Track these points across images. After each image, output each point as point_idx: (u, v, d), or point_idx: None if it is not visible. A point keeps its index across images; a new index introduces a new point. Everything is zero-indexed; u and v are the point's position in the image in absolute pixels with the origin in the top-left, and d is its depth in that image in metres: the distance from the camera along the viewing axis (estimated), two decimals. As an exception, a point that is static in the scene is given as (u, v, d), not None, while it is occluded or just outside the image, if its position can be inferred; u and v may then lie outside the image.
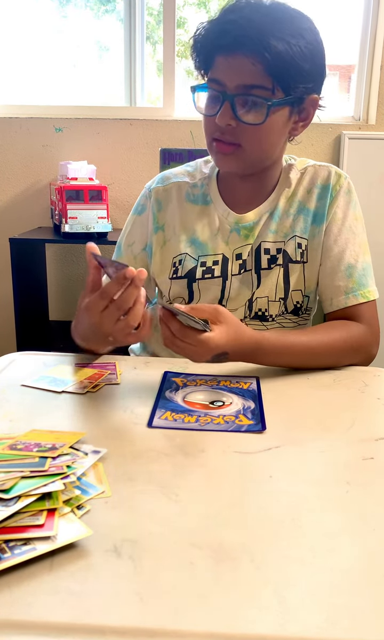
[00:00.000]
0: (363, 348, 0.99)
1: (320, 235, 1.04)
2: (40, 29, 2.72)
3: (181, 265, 1.07)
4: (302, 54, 0.89)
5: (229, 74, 0.91)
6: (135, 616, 0.44)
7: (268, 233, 1.04)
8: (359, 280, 1.02)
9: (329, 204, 1.04)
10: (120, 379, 0.90)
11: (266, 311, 1.06)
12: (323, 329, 0.99)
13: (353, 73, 2.57)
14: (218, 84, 0.93)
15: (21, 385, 0.87)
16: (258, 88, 0.90)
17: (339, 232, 1.03)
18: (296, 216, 1.05)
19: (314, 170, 1.06)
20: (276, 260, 1.04)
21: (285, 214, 1.05)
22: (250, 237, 1.05)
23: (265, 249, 1.04)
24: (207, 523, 0.55)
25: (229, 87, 0.91)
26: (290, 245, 1.04)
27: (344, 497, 0.60)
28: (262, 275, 1.05)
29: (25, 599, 0.45)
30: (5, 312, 2.48)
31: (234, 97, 0.91)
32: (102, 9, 2.75)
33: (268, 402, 0.83)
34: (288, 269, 1.04)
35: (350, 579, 0.48)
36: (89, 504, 0.56)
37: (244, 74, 0.90)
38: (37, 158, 2.50)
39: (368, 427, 0.78)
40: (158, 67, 2.67)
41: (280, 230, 1.04)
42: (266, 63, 0.88)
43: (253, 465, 0.66)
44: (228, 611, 0.44)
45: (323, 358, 0.95)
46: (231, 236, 1.05)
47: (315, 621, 0.44)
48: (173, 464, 0.66)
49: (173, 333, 0.83)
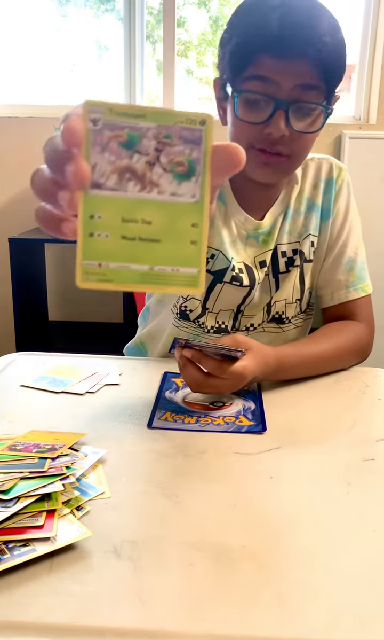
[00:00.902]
0: (364, 347, 0.99)
1: (327, 230, 1.02)
2: (40, 28, 2.71)
3: (213, 260, 0.99)
4: (343, 50, 0.86)
5: (284, 75, 0.82)
6: (135, 617, 0.43)
7: (283, 235, 1.01)
8: (359, 273, 1.02)
9: (334, 199, 1.02)
10: (120, 380, 0.90)
11: (283, 314, 1.03)
12: (330, 334, 0.97)
13: (354, 73, 2.57)
14: (267, 85, 0.83)
15: (21, 385, 0.87)
16: (314, 90, 0.84)
17: (342, 226, 1.02)
18: (308, 214, 1.01)
19: (316, 165, 1.02)
20: (293, 262, 1.01)
21: (296, 213, 1.01)
22: (269, 242, 1.00)
23: (282, 252, 1.00)
24: (207, 524, 0.55)
25: (284, 89, 0.83)
26: (306, 244, 1.01)
27: (345, 498, 0.60)
28: (281, 279, 1.01)
29: (25, 600, 0.45)
30: (4, 312, 2.47)
31: (290, 105, 0.83)
32: (101, 8, 2.74)
33: (268, 403, 0.82)
34: (303, 269, 1.02)
35: (351, 581, 0.48)
36: (89, 505, 0.56)
37: (301, 75, 0.83)
38: (36, 158, 2.48)
39: (368, 428, 0.78)
40: (158, 66, 2.67)
41: (294, 230, 1.01)
42: (322, 64, 0.82)
43: (253, 466, 0.66)
44: (228, 613, 0.44)
45: (333, 364, 0.95)
46: (248, 242, 1.00)
47: (315, 623, 0.43)
48: (173, 465, 0.66)
49: (211, 372, 0.78)
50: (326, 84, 0.85)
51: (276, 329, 1.05)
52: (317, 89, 0.84)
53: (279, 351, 0.87)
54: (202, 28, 2.83)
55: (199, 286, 0.37)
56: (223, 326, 1.03)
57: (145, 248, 0.36)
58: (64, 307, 2.60)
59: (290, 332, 1.06)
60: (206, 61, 2.82)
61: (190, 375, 0.79)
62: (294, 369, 0.89)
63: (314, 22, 0.82)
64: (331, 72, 0.84)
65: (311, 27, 0.81)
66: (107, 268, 0.36)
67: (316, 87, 0.84)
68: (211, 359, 0.77)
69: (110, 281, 0.36)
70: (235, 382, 0.79)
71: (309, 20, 0.82)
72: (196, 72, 2.84)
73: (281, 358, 0.87)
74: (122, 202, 0.35)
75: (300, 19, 0.82)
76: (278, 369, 0.86)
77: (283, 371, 0.88)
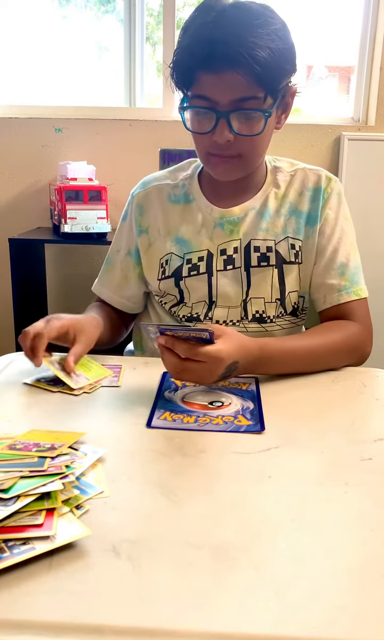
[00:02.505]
0: (360, 347, 1.00)
1: (314, 235, 1.05)
2: (40, 29, 2.72)
3: (168, 265, 1.08)
4: (283, 56, 0.89)
5: (219, 91, 0.89)
6: (134, 616, 0.44)
7: (258, 231, 1.05)
8: (351, 278, 1.04)
9: (322, 206, 1.06)
10: (121, 382, 0.90)
11: (263, 313, 1.06)
12: (321, 331, 0.99)
13: (353, 74, 2.57)
14: (207, 101, 0.91)
15: (23, 383, 0.88)
16: (251, 100, 0.90)
17: (332, 232, 1.05)
18: (288, 217, 1.06)
19: (304, 174, 1.07)
20: (268, 260, 1.04)
21: (275, 214, 1.06)
22: (235, 232, 1.05)
23: (255, 247, 1.05)
24: (206, 523, 0.55)
25: (221, 103, 0.90)
26: (282, 246, 1.05)
27: (343, 497, 0.60)
28: (252, 274, 1.05)
29: (24, 599, 0.45)
30: (4, 312, 2.48)
31: (229, 114, 0.90)
32: (102, 9, 2.75)
33: (267, 403, 0.83)
34: (282, 270, 1.05)
35: (349, 579, 0.48)
36: (88, 504, 0.56)
37: (235, 88, 0.88)
38: (37, 158, 2.50)
39: (366, 427, 0.78)
40: (158, 67, 2.68)
41: (271, 229, 1.05)
42: (255, 75, 0.87)
43: (252, 465, 0.66)
44: (227, 611, 0.44)
45: (325, 360, 0.95)
46: (215, 231, 1.06)
47: (314, 621, 0.44)
48: (172, 464, 0.66)
49: (183, 355, 0.78)
50: (265, 88, 0.90)
51: (258, 328, 1.07)
52: (254, 98, 0.90)
53: (262, 340, 0.89)
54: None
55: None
56: (194, 315, 1.08)
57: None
58: (64, 307, 2.60)
59: (274, 332, 1.08)
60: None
61: (167, 361, 0.81)
62: (280, 359, 0.90)
63: (243, 36, 0.85)
64: (269, 78, 0.89)
65: (239, 42, 0.85)
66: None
67: (253, 97, 0.90)
68: (183, 342, 0.79)
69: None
70: (212, 365, 0.79)
71: (238, 34, 0.85)
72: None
73: (264, 347, 0.88)
74: None
75: (228, 34, 0.86)
76: (262, 357, 0.87)
77: (268, 362, 0.89)
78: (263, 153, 1.00)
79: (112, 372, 0.93)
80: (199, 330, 0.78)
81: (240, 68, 0.86)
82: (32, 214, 2.53)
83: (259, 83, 0.88)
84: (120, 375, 0.93)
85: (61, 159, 2.42)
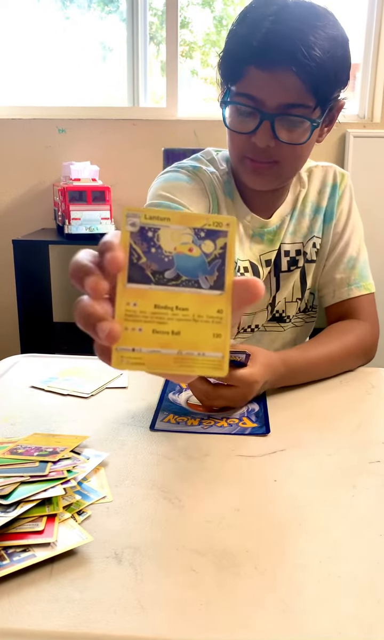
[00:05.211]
0: (372, 347, 0.99)
1: (330, 232, 1.04)
2: (44, 30, 2.72)
3: None
4: (340, 64, 0.84)
5: (269, 91, 0.82)
6: (136, 624, 0.43)
7: (287, 235, 1.02)
8: (360, 272, 1.03)
9: (337, 202, 1.04)
10: (128, 382, 0.90)
11: (283, 312, 1.05)
12: (335, 335, 0.97)
13: (358, 71, 2.55)
14: (252, 100, 0.84)
15: (31, 387, 0.87)
16: (301, 107, 0.83)
17: (344, 227, 1.04)
18: (313, 217, 1.04)
19: (320, 172, 1.05)
20: (296, 263, 1.03)
21: (301, 215, 1.03)
22: (275, 241, 1.01)
23: (285, 252, 1.02)
24: (210, 528, 0.54)
25: (268, 105, 0.83)
26: (309, 245, 1.03)
27: (350, 501, 0.59)
28: (281, 279, 1.03)
29: (25, 607, 0.44)
30: (9, 314, 2.48)
31: (274, 117, 0.84)
32: (105, 9, 2.74)
33: (272, 405, 0.82)
34: (305, 269, 1.04)
35: (357, 586, 0.47)
36: (90, 510, 0.55)
37: (286, 92, 0.82)
38: (40, 159, 2.50)
39: (374, 429, 0.77)
40: (162, 67, 2.67)
41: (298, 232, 1.03)
42: (309, 77, 0.81)
43: (257, 469, 0.65)
44: (231, 619, 0.43)
45: (342, 366, 0.94)
46: (253, 240, 1.01)
47: (320, 629, 0.43)
48: (176, 467, 0.65)
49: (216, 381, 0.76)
50: (316, 97, 0.83)
51: (277, 327, 1.06)
52: (303, 106, 0.83)
53: (284, 354, 0.86)
54: (207, 28, 2.82)
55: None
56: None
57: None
58: (69, 308, 2.59)
59: (288, 330, 1.07)
60: (211, 61, 2.81)
61: (197, 387, 0.78)
62: (303, 371, 0.88)
63: (304, 33, 0.79)
64: (322, 84, 0.82)
65: (299, 37, 0.79)
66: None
67: (303, 105, 0.83)
68: None
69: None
70: (245, 389, 0.77)
71: (299, 30, 0.79)
72: (200, 73, 2.83)
73: (288, 360, 0.86)
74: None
75: (288, 29, 0.80)
76: (286, 373, 0.85)
77: (292, 374, 0.87)
78: (301, 165, 0.94)
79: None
80: (235, 352, 0.75)
81: (295, 65, 0.79)
82: (36, 215, 2.53)
83: (311, 89, 0.82)
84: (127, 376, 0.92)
85: (65, 160, 2.41)
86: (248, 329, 1.04)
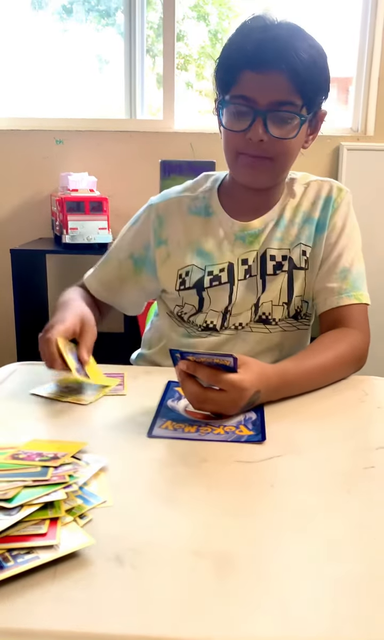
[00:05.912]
0: (363, 356, 1.01)
1: (322, 243, 1.07)
2: (41, 42, 2.75)
3: (188, 277, 1.08)
4: (323, 73, 0.95)
5: (260, 91, 0.93)
6: (137, 625, 0.44)
7: (274, 240, 1.07)
8: (353, 283, 1.05)
9: (331, 214, 1.08)
10: (127, 390, 0.91)
11: (269, 315, 1.08)
12: (328, 343, 0.99)
13: (351, 85, 2.59)
14: (246, 100, 0.94)
15: (30, 394, 0.88)
16: (290, 104, 0.94)
17: (338, 239, 1.07)
18: (302, 226, 1.08)
19: (317, 185, 1.10)
20: (281, 267, 1.07)
21: (290, 223, 1.08)
22: (255, 243, 1.07)
23: (270, 256, 1.07)
24: (209, 532, 0.55)
25: (260, 103, 0.93)
26: (295, 252, 1.07)
27: (345, 506, 0.60)
28: (267, 281, 1.07)
29: (29, 608, 0.45)
30: (6, 322, 2.48)
31: (267, 114, 0.94)
32: (102, 22, 2.78)
33: (269, 411, 0.83)
34: (292, 274, 1.07)
35: (353, 588, 0.48)
36: (91, 513, 0.57)
37: (276, 90, 0.92)
38: (38, 170, 2.52)
39: (368, 436, 0.79)
40: (158, 79, 2.70)
41: (286, 239, 1.07)
42: (297, 79, 0.91)
43: (254, 474, 0.66)
44: (230, 620, 0.44)
45: (335, 375, 0.96)
46: (236, 244, 1.07)
47: (317, 630, 0.44)
48: (174, 473, 0.66)
49: (205, 380, 0.78)
50: (303, 97, 0.94)
51: (262, 329, 1.09)
52: (292, 103, 0.94)
53: (279, 367, 0.88)
54: (202, 41, 2.86)
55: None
56: (210, 325, 1.09)
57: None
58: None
59: (275, 334, 1.09)
60: (206, 74, 2.85)
61: (189, 389, 0.79)
62: (298, 382, 0.89)
63: (291, 40, 0.91)
64: (308, 86, 0.93)
65: (287, 43, 0.91)
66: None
67: (291, 103, 0.94)
68: (205, 368, 0.78)
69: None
70: (234, 394, 0.78)
71: (287, 38, 0.92)
72: (196, 85, 2.86)
73: (283, 372, 0.87)
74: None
75: (279, 37, 0.91)
76: (281, 384, 0.86)
77: (288, 386, 0.88)
78: (291, 161, 1.02)
79: (119, 380, 0.94)
80: (223, 355, 0.76)
81: (285, 65, 0.90)
82: (34, 224, 2.54)
83: (299, 89, 0.93)
84: (125, 383, 0.93)
85: (62, 171, 2.43)
86: (232, 327, 1.08)
